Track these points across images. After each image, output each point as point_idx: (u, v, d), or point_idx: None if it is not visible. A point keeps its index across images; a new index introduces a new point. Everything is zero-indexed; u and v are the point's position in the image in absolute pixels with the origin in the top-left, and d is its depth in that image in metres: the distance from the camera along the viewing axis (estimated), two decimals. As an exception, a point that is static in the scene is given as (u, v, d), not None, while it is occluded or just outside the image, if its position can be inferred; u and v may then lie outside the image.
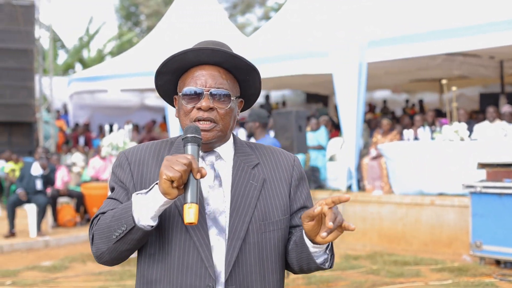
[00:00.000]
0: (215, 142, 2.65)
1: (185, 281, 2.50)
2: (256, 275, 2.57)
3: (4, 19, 19.53)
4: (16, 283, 9.75)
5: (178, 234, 2.52)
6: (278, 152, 2.81)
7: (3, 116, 19.77)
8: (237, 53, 2.60)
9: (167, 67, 2.65)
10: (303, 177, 2.79)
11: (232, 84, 2.67)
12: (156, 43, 20.68)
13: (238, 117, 2.77)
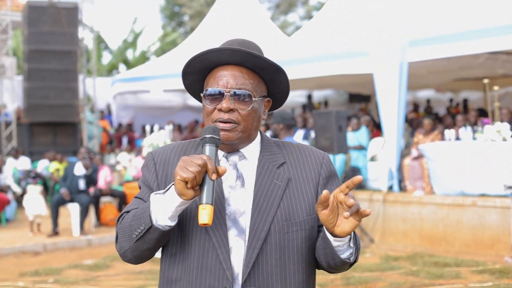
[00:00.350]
0: (238, 143, 2.63)
1: (204, 282, 2.52)
2: (277, 276, 2.55)
3: (48, 21, 19.75)
4: (59, 281, 9.90)
5: (198, 235, 2.53)
6: (307, 150, 2.77)
7: (48, 116, 20.01)
8: (258, 53, 2.58)
9: (191, 67, 2.66)
10: (332, 175, 2.73)
11: (256, 84, 2.65)
12: (198, 43, 20.77)
13: (264, 117, 2.74)
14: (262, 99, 2.68)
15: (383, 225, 12.62)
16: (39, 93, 19.83)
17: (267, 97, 2.73)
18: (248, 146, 2.69)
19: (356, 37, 14.35)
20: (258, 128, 2.71)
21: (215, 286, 2.51)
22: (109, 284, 9.67)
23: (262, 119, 2.73)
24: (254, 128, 2.65)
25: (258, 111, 2.65)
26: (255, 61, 2.59)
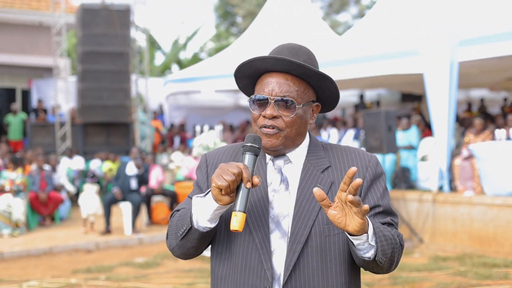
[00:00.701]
0: (283, 149, 2.69)
1: (247, 281, 2.61)
2: (319, 278, 2.60)
3: (101, 23, 20.02)
4: (110, 278, 10.08)
5: (243, 235, 2.62)
6: (354, 153, 2.80)
7: (101, 117, 20.29)
8: (302, 62, 2.62)
9: (240, 72, 2.74)
10: (377, 177, 2.76)
11: (302, 91, 2.69)
12: (250, 44, 20.87)
13: (311, 121, 2.78)
14: (309, 105, 2.73)
15: (433, 226, 12.56)
16: (93, 94, 20.11)
17: (315, 102, 2.78)
18: (295, 151, 2.74)
19: (407, 36, 14.29)
20: (305, 133, 2.75)
21: (256, 286, 2.59)
22: (159, 282, 9.82)
23: (309, 124, 2.77)
24: (299, 133, 2.70)
25: (303, 117, 2.69)
26: (300, 69, 2.63)
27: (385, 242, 2.51)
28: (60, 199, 15.50)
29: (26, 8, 22.99)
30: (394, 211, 2.74)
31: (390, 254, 2.54)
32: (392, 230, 2.63)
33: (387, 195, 2.75)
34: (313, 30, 20.45)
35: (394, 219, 2.72)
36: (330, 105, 2.85)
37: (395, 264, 2.63)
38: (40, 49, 23.82)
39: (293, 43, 2.81)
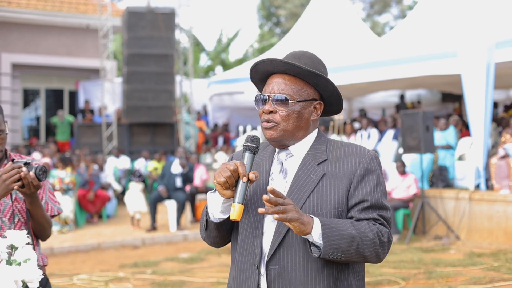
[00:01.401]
0: (283, 140, 3.00)
1: (243, 260, 2.98)
2: (299, 259, 2.88)
3: (146, 26, 20.49)
4: (156, 272, 10.52)
5: (246, 221, 3.00)
6: (352, 148, 3.03)
7: (146, 117, 20.76)
8: (293, 62, 2.94)
9: (253, 78, 3.13)
10: (369, 172, 2.96)
11: (300, 89, 3.00)
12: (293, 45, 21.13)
13: (314, 117, 3.05)
14: (308, 102, 3.02)
15: (469, 223, 12.81)
16: (138, 95, 20.58)
17: (316, 101, 3.06)
18: (296, 145, 3.05)
19: (445, 38, 14.51)
20: (305, 128, 3.04)
21: (250, 264, 2.95)
22: (203, 276, 10.23)
23: (312, 120, 3.06)
24: (297, 127, 3.00)
25: (299, 113, 2.99)
26: (294, 69, 2.96)
27: (338, 240, 2.77)
28: (107, 197, 16.03)
29: (74, 12, 23.55)
30: (386, 205, 2.96)
31: (353, 250, 2.80)
32: (368, 226, 2.85)
33: (380, 190, 2.96)
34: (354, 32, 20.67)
35: (384, 213, 2.94)
36: (335, 104, 3.12)
37: (371, 258, 2.87)
38: (87, 51, 24.38)
39: (301, 50, 3.13)
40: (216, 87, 22.86)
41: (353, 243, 2.79)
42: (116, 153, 19.64)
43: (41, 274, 2.96)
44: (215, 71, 38.30)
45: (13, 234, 3.02)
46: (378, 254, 2.88)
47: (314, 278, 2.89)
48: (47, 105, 25.83)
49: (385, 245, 2.90)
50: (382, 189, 2.98)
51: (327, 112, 3.15)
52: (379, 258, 2.90)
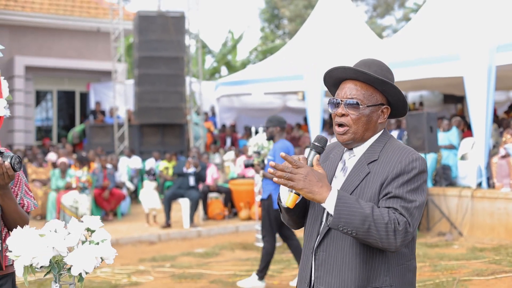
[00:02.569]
0: (352, 143, 3.34)
1: (307, 245, 3.45)
2: (341, 247, 3.24)
3: (157, 30, 20.98)
4: (174, 265, 11.08)
5: (311, 211, 3.48)
6: (400, 150, 3.27)
7: (157, 118, 21.24)
8: (364, 70, 3.25)
9: (326, 82, 3.49)
10: (404, 172, 3.18)
11: (369, 94, 3.30)
12: (298, 48, 21.58)
13: (381, 120, 3.35)
14: (376, 107, 3.33)
15: (471, 220, 13.32)
16: (149, 96, 21.06)
17: (384, 105, 3.36)
18: (360, 146, 3.37)
19: (448, 42, 14.93)
20: (373, 130, 3.34)
21: (309, 248, 3.39)
22: (220, 269, 10.78)
23: (380, 123, 3.36)
24: (366, 129, 3.31)
25: (369, 116, 3.30)
26: (365, 76, 3.28)
27: (350, 216, 3.04)
28: (122, 195, 16.59)
29: (85, 16, 24.08)
30: (411, 199, 3.15)
31: (365, 229, 3.04)
32: (387, 212, 3.08)
33: (409, 186, 3.18)
34: (358, 35, 21.09)
35: (407, 205, 3.13)
36: (401, 108, 3.39)
37: (383, 242, 3.06)
38: (98, 54, 24.91)
39: (371, 58, 3.43)
40: (224, 88, 23.28)
41: (365, 222, 3.02)
42: (128, 153, 20.16)
43: None
44: (221, 72, 38.73)
45: (89, 219, 3.60)
46: (390, 240, 3.05)
47: (348, 264, 3.23)
48: (58, 107, 26.40)
49: (400, 233, 3.05)
50: (413, 186, 3.19)
51: (393, 115, 3.46)
52: (390, 244, 3.06)
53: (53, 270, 3.40)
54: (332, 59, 18.50)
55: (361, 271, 3.22)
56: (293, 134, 22.38)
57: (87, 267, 3.38)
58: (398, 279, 3.29)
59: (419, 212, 3.18)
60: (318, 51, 19.62)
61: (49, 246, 3.33)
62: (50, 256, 3.35)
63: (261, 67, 23.16)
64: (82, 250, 3.41)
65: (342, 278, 3.24)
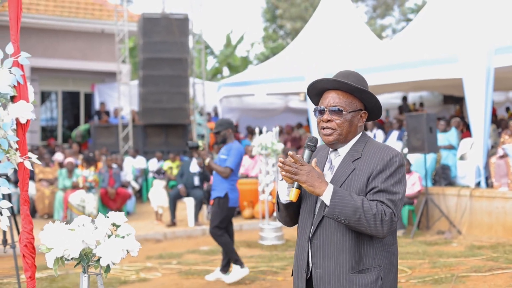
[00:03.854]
0: (336, 143, 3.79)
1: (301, 236, 3.89)
2: (332, 234, 3.69)
3: (161, 31, 21.21)
4: (181, 262, 11.37)
5: (304, 206, 3.91)
6: (380, 148, 3.75)
7: (161, 119, 21.50)
8: (345, 81, 3.73)
9: (310, 92, 3.93)
10: (387, 167, 3.64)
11: (350, 102, 3.77)
12: (300, 49, 21.79)
13: (360, 124, 3.83)
14: (356, 112, 3.80)
15: (470, 218, 13.59)
16: (153, 97, 21.31)
17: (362, 110, 3.84)
18: (344, 147, 3.83)
19: (447, 44, 15.14)
20: (354, 132, 3.81)
21: (304, 239, 3.81)
22: (225, 265, 11.11)
23: (359, 126, 3.84)
24: (349, 132, 3.77)
25: (350, 121, 3.76)
26: (346, 86, 3.75)
27: (343, 207, 3.51)
28: (128, 194, 16.88)
29: (90, 17, 24.34)
30: (395, 191, 3.62)
31: (356, 219, 3.49)
32: (375, 205, 3.53)
33: (392, 180, 3.64)
34: (359, 36, 21.31)
35: (391, 197, 3.60)
36: (376, 112, 3.89)
37: (372, 229, 3.52)
38: (102, 55, 25.17)
39: (348, 70, 3.91)
40: (226, 89, 23.47)
41: (356, 212, 3.48)
42: (133, 153, 20.44)
43: None
44: (223, 73, 38.96)
45: (114, 215, 3.95)
46: (378, 228, 3.50)
47: (342, 248, 3.66)
48: (63, 107, 26.71)
49: (386, 223, 3.51)
50: (395, 179, 3.66)
51: (370, 119, 3.93)
52: (378, 232, 3.53)
53: (82, 261, 3.75)
54: (333, 60, 18.79)
55: (352, 254, 3.66)
56: (294, 134, 22.61)
57: (114, 259, 3.73)
58: (384, 261, 3.73)
59: (401, 202, 3.66)
60: (320, 52, 19.86)
61: (79, 239, 3.67)
62: (80, 249, 3.69)
63: (264, 68, 23.37)
64: (110, 243, 3.76)
65: (337, 261, 3.68)
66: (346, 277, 3.66)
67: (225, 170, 9.61)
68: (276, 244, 13.07)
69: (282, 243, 13.12)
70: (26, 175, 4.18)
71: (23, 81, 4.09)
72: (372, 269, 3.69)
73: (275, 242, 13.15)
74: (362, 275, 3.67)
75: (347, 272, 3.66)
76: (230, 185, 9.72)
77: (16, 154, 4.09)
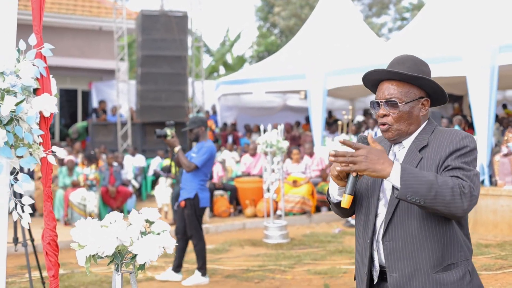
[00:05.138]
0: (398, 139, 3.51)
1: (362, 235, 3.62)
2: (407, 234, 3.38)
3: (160, 29, 21.09)
4: (187, 261, 11.22)
5: (363, 205, 3.65)
6: (448, 133, 3.41)
7: (159, 117, 21.34)
8: (397, 70, 3.42)
9: (366, 85, 3.68)
10: (457, 150, 3.31)
11: (406, 91, 3.45)
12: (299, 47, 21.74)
13: (423, 113, 3.51)
14: (415, 101, 3.48)
15: (475, 217, 13.55)
16: (152, 95, 21.18)
17: (423, 98, 3.51)
18: (408, 139, 3.53)
19: (450, 42, 15.13)
20: (417, 123, 3.50)
21: (365, 239, 3.56)
22: (232, 264, 11.01)
23: (422, 115, 3.52)
24: (409, 124, 3.48)
25: (409, 112, 3.47)
26: (397, 75, 3.46)
27: (416, 184, 3.13)
28: (129, 192, 16.78)
29: (87, 15, 24.25)
30: (469, 168, 3.27)
31: (432, 196, 3.11)
32: (450, 178, 3.19)
33: (464, 158, 3.30)
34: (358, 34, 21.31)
35: (467, 173, 3.25)
36: (441, 97, 3.55)
37: (452, 206, 3.13)
38: (100, 53, 25.09)
39: (405, 55, 3.58)
40: (224, 87, 23.45)
41: (432, 189, 3.11)
42: (132, 151, 20.33)
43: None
44: (219, 71, 38.91)
45: (147, 211, 3.85)
46: (457, 203, 3.13)
47: (420, 245, 3.34)
48: (60, 105, 26.58)
49: (466, 196, 3.15)
50: (468, 159, 3.31)
51: (435, 104, 3.61)
52: (457, 208, 3.15)
53: (116, 259, 3.64)
54: (334, 58, 18.77)
55: (433, 250, 3.34)
56: (293, 133, 22.54)
57: (152, 256, 3.62)
58: (469, 252, 3.46)
59: (478, 180, 3.29)
60: (320, 50, 19.83)
61: (114, 236, 3.57)
62: (115, 246, 3.58)
63: (262, 66, 23.33)
64: (146, 240, 3.65)
65: (416, 261, 3.36)
66: (428, 277, 3.36)
67: (190, 165, 9.42)
68: (282, 242, 12.99)
69: (287, 242, 13.04)
70: (50, 170, 4.09)
71: (46, 73, 4.01)
72: (459, 263, 3.39)
73: (280, 240, 13.07)
74: (448, 272, 3.37)
75: (429, 272, 3.35)
76: (199, 185, 9.63)
77: (39, 148, 4.00)
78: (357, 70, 16.91)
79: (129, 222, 3.72)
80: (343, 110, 20.92)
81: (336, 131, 20.60)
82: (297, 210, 15.61)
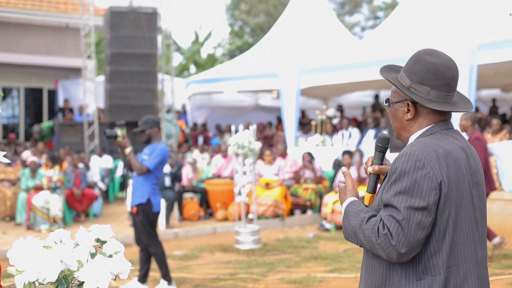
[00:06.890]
0: (402, 138, 3.22)
1: None
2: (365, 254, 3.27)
3: (129, 26, 20.51)
4: (154, 269, 10.68)
5: None
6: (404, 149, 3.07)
7: (129, 116, 20.80)
8: (383, 74, 3.29)
9: None
10: (393, 172, 2.96)
11: (395, 92, 3.21)
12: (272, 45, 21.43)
13: (408, 118, 3.11)
14: (400, 103, 3.16)
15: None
16: (121, 94, 20.62)
17: (406, 101, 3.14)
18: (409, 139, 3.18)
19: (426, 41, 14.83)
20: (406, 130, 3.16)
21: None
22: (201, 272, 10.47)
23: (407, 120, 3.14)
24: (399, 128, 3.20)
25: (394, 114, 3.20)
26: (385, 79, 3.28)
27: (348, 228, 3.04)
28: (95, 195, 16.18)
29: (54, 11, 23.62)
30: (395, 205, 2.89)
31: (360, 242, 2.98)
32: (374, 221, 2.92)
33: (395, 188, 2.92)
34: (332, 32, 21.03)
35: (392, 213, 2.88)
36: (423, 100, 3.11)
37: (378, 253, 2.90)
38: (67, 50, 24.49)
39: (421, 50, 3.28)
40: (195, 86, 23.09)
41: (357, 236, 2.98)
42: (100, 152, 19.75)
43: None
44: (189, 70, 38.44)
45: (98, 228, 3.28)
46: (380, 253, 2.91)
47: (371, 266, 3.10)
48: (26, 104, 25.92)
49: (384, 248, 2.88)
50: (398, 187, 2.91)
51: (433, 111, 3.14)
52: (389, 256, 2.89)
53: (61, 286, 3.07)
54: (307, 56, 18.37)
55: (379, 275, 3.07)
56: (266, 132, 22.13)
57: (101, 284, 3.05)
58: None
59: (409, 222, 2.85)
60: (293, 49, 19.48)
61: (57, 259, 3.00)
62: (59, 271, 3.01)
63: (234, 64, 22.98)
64: (95, 264, 3.08)
65: (366, 280, 3.14)
66: None
67: (141, 167, 8.89)
68: (254, 248, 12.46)
69: (260, 247, 12.52)
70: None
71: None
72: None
73: (252, 246, 12.54)
74: None
75: None
76: (151, 189, 9.13)
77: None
78: (331, 69, 16.56)
79: (76, 243, 3.14)
80: (316, 109, 20.55)
81: (309, 131, 20.20)
82: (270, 214, 15.10)
